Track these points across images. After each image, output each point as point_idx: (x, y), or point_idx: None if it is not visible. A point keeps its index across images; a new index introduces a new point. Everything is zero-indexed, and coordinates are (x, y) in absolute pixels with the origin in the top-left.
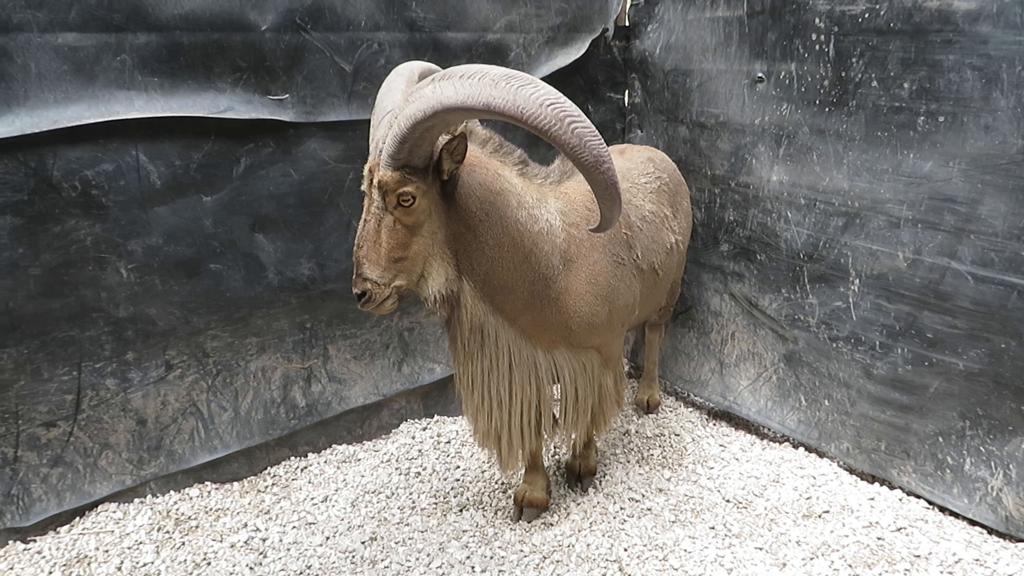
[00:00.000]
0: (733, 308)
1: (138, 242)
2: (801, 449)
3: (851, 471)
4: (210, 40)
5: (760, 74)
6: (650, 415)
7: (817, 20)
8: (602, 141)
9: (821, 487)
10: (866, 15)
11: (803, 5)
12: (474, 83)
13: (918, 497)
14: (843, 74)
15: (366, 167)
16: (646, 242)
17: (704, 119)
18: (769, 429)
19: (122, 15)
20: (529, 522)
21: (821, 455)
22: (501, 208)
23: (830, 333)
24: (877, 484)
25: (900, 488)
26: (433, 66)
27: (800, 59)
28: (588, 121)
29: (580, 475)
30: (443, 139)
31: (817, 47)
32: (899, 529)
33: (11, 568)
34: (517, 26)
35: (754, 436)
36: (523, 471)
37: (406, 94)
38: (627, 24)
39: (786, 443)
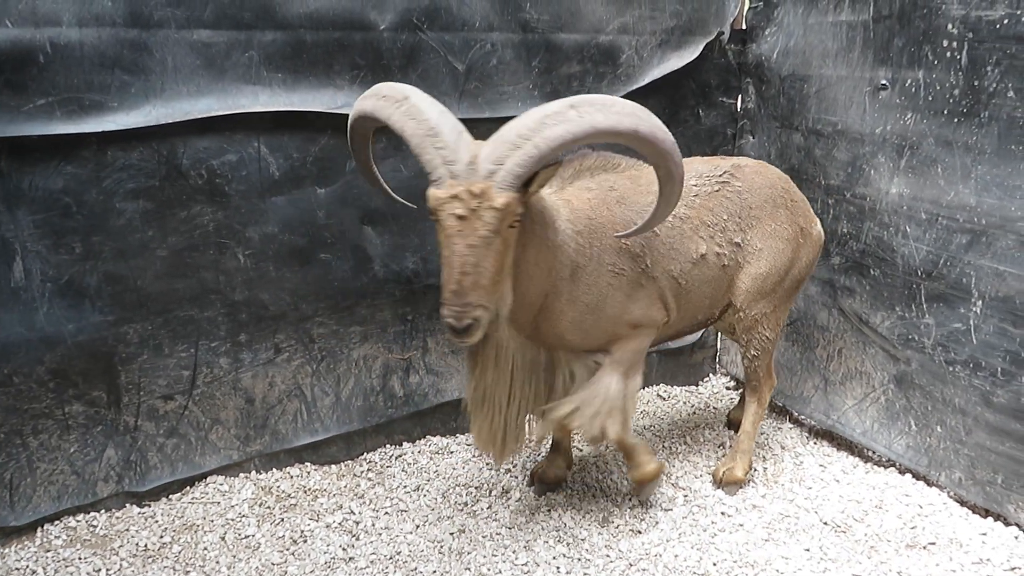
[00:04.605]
0: (841, 324)
1: (256, 229)
2: (908, 475)
3: (962, 503)
4: (331, 39)
5: (884, 81)
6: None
7: (950, 26)
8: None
9: (928, 517)
10: (1005, 21)
11: (935, 10)
12: (618, 111)
13: None
14: (976, 83)
15: (460, 190)
16: (662, 249)
17: (821, 127)
18: (874, 452)
19: (252, 13)
20: (539, 496)
21: (929, 484)
22: (547, 223)
23: (947, 356)
24: (991, 519)
25: (1016, 525)
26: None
27: (929, 66)
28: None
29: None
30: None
31: (948, 54)
32: (1012, 569)
33: (127, 529)
34: (630, 28)
35: (857, 458)
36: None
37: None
38: (744, 28)
39: (891, 468)
